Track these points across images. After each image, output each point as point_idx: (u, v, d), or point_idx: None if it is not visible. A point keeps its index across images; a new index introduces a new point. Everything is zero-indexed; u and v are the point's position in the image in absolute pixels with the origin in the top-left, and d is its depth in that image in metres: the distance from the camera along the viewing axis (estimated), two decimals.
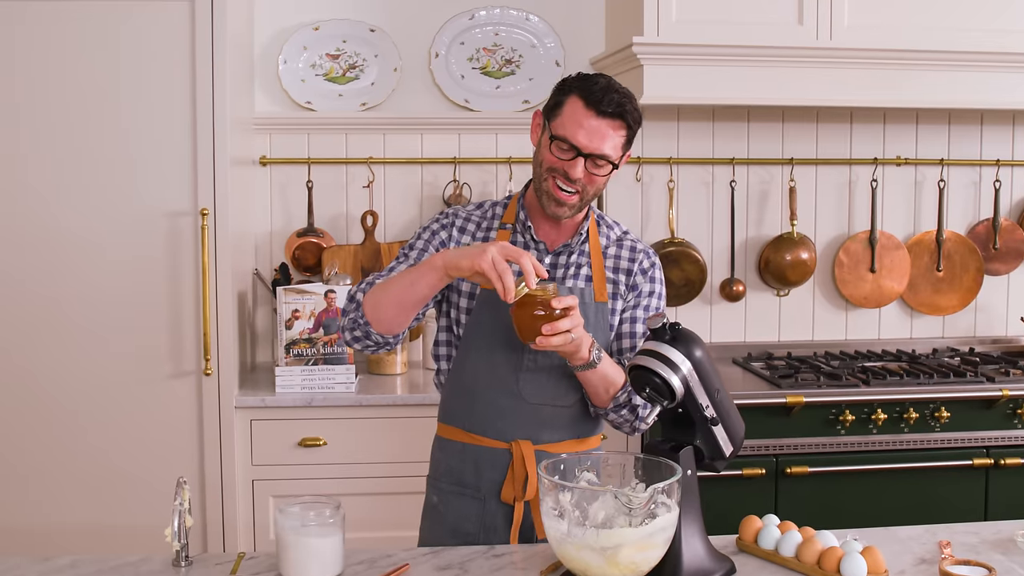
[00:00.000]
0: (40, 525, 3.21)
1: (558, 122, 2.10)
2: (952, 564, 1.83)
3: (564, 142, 2.08)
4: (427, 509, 2.32)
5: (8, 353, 3.18)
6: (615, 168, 2.13)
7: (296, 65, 3.77)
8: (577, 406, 2.22)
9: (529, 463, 2.15)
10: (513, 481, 2.17)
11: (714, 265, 4.00)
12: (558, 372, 2.17)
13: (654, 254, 2.30)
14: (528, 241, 2.21)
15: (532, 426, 2.18)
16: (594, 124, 2.07)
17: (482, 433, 2.20)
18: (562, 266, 2.21)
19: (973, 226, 4.15)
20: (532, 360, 2.17)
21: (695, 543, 1.85)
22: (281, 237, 3.82)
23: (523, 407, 2.18)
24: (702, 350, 1.87)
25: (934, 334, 4.17)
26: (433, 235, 2.24)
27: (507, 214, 2.25)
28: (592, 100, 2.07)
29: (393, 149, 3.84)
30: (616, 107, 2.08)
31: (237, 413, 3.26)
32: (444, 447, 2.27)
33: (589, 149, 2.07)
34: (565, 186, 2.10)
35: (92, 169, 3.17)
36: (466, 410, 2.22)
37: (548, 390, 2.18)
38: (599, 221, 2.28)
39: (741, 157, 3.98)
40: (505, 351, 2.17)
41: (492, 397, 2.19)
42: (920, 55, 3.48)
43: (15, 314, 3.17)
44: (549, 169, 2.11)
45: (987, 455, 3.43)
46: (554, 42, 3.87)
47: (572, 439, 2.23)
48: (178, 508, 1.93)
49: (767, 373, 3.60)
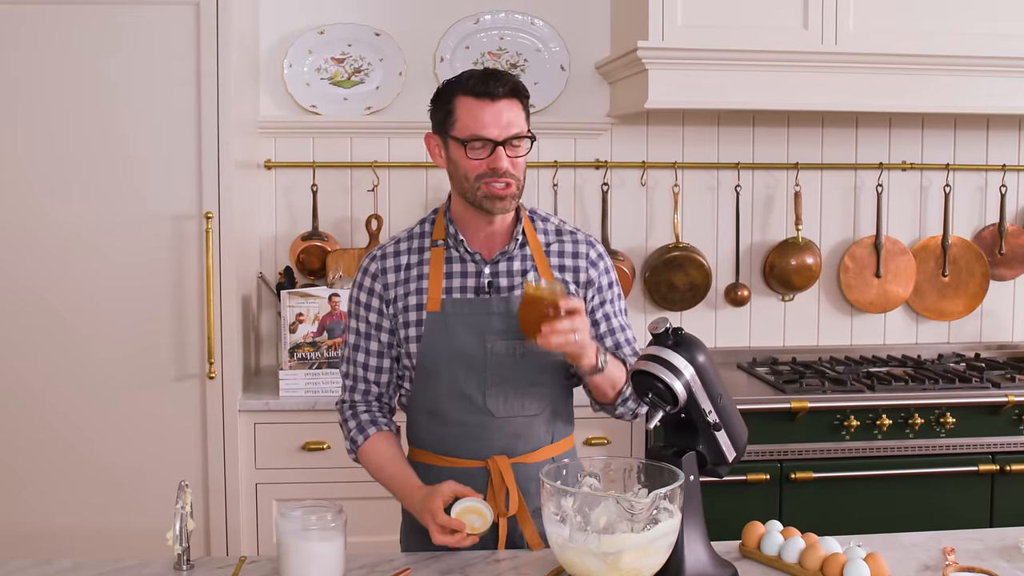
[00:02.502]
0: (42, 528, 3.21)
1: (459, 127, 2.07)
2: (956, 571, 1.82)
3: (476, 140, 2.05)
4: (407, 534, 2.27)
5: (12, 355, 3.18)
6: (533, 140, 2.11)
7: (301, 69, 3.77)
8: (546, 412, 2.19)
9: (508, 477, 2.12)
10: (495, 498, 2.13)
11: (719, 270, 4.00)
12: (523, 382, 2.15)
13: (597, 241, 2.27)
14: (463, 254, 2.16)
15: (505, 440, 2.15)
16: (494, 110, 2.05)
17: (455, 455, 2.17)
18: (503, 274, 2.16)
19: (979, 231, 4.13)
20: (496, 375, 2.13)
21: (697, 549, 1.84)
22: (285, 241, 3.82)
23: (493, 423, 2.14)
24: (705, 355, 1.86)
25: (940, 339, 4.15)
26: (367, 309, 2.21)
27: (436, 231, 2.20)
28: (481, 91, 2.06)
29: (398, 153, 3.84)
30: (505, 86, 2.06)
31: (241, 416, 3.26)
32: (418, 471, 2.20)
33: (504, 136, 2.05)
34: (497, 181, 2.06)
35: (97, 172, 3.17)
36: (435, 434, 2.19)
37: (515, 403, 2.15)
38: (532, 217, 2.24)
39: (746, 162, 3.97)
40: (466, 371, 2.13)
41: (460, 418, 2.15)
42: (926, 60, 3.48)
43: (18, 317, 3.17)
44: (477, 176, 2.07)
45: (992, 461, 3.42)
46: (559, 46, 3.86)
47: (547, 445, 2.20)
48: (179, 511, 1.93)
49: (772, 378, 3.59)
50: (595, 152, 3.92)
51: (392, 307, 2.17)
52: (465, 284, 2.16)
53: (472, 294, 2.15)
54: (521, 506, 2.13)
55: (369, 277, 2.20)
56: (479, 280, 2.16)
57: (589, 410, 2.30)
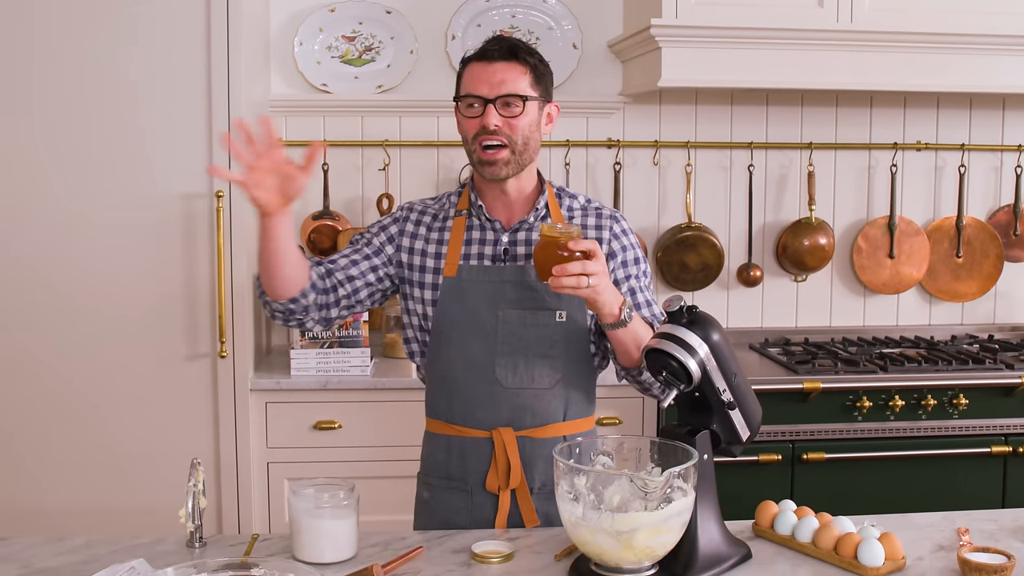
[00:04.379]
0: (55, 506, 3.23)
1: (460, 90, 2.15)
2: (971, 551, 1.81)
3: (469, 97, 2.11)
4: (419, 505, 2.29)
5: (23, 335, 3.19)
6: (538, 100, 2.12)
7: (312, 47, 3.75)
8: (558, 387, 2.16)
9: (511, 451, 2.12)
10: (496, 470, 2.14)
11: (731, 250, 3.98)
12: (534, 354, 2.14)
13: (622, 217, 2.27)
14: (484, 222, 2.19)
15: (513, 412, 2.14)
16: (489, 70, 2.10)
17: (463, 424, 2.17)
18: (521, 243, 2.18)
19: (994, 212, 4.11)
20: (507, 344, 2.13)
21: (711, 528, 1.83)
22: (297, 220, 3.81)
23: (502, 394, 2.14)
24: (720, 333, 1.85)
25: (953, 321, 4.14)
26: (382, 229, 2.26)
27: (461, 202, 2.24)
28: (479, 54, 2.13)
29: (409, 132, 3.83)
30: (502, 49, 2.11)
31: (252, 396, 3.26)
32: (431, 441, 2.25)
33: (494, 93, 2.08)
34: (488, 141, 2.09)
35: (107, 152, 3.16)
36: (446, 402, 2.19)
37: (525, 374, 2.14)
38: (560, 194, 2.25)
39: (759, 141, 3.94)
40: (478, 338, 2.14)
41: (470, 386, 2.15)
42: (942, 38, 3.44)
43: (29, 296, 3.18)
44: (473, 136, 2.11)
45: (1005, 443, 3.41)
46: (571, 24, 3.84)
47: (558, 422, 2.18)
48: (192, 489, 1.93)
49: (784, 359, 3.58)
50: (607, 131, 3.90)
51: (395, 254, 2.22)
52: (483, 251, 2.17)
53: (489, 261, 2.16)
54: (522, 482, 2.12)
55: (394, 219, 2.26)
56: (496, 248, 2.17)
57: (601, 391, 2.28)
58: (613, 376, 2.26)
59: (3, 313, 3.18)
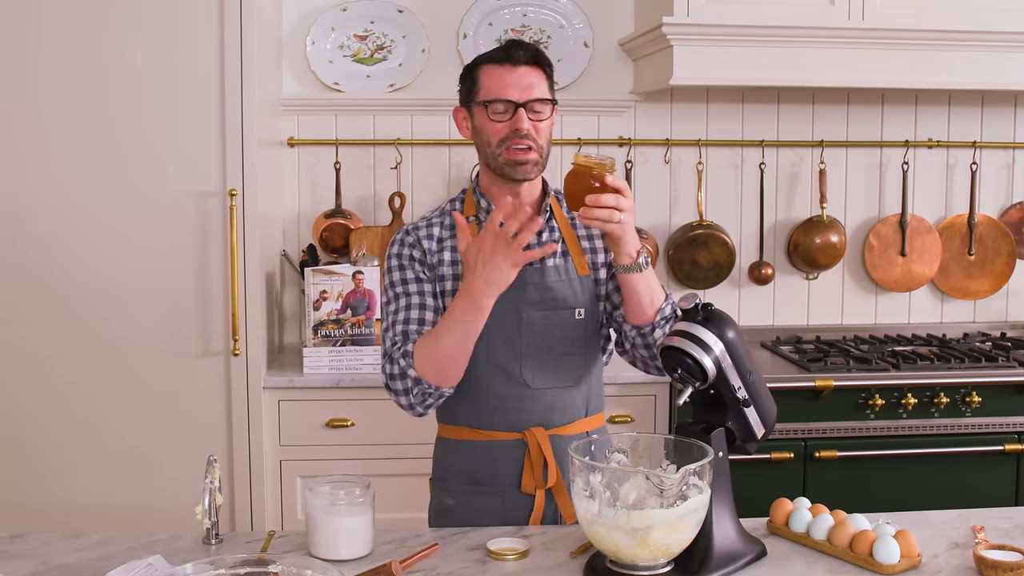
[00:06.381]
0: (71, 503, 3.24)
1: (483, 93, 2.11)
2: (986, 549, 1.81)
3: (499, 103, 2.08)
4: (440, 512, 2.26)
5: (37, 333, 3.20)
6: (554, 105, 2.13)
7: (324, 46, 3.76)
8: (582, 384, 2.19)
9: (546, 449, 2.13)
10: (532, 470, 2.14)
11: (743, 248, 3.98)
12: (558, 353, 2.15)
13: None
14: None
15: (542, 412, 2.15)
16: (516, 75, 2.09)
17: (491, 428, 2.16)
18: (534, 246, 2.14)
19: (1006, 209, 4.10)
20: (531, 345, 2.13)
21: (726, 525, 1.84)
22: (309, 218, 3.82)
23: (530, 395, 2.14)
24: (734, 331, 1.85)
25: (965, 318, 4.13)
26: (410, 261, 2.16)
27: (466, 208, 2.22)
28: (503, 58, 2.11)
29: (421, 130, 3.83)
30: (527, 54, 2.11)
31: (265, 393, 3.27)
32: (451, 448, 2.22)
33: (524, 98, 2.08)
34: (519, 144, 2.08)
35: (121, 150, 3.17)
36: (471, 408, 2.17)
37: (551, 374, 2.14)
38: (559, 196, 2.25)
39: (771, 139, 3.94)
40: (502, 340, 2.13)
41: (497, 390, 2.14)
42: (953, 35, 3.44)
43: (44, 294, 3.19)
44: (500, 141, 2.09)
45: (1018, 440, 3.40)
46: (583, 23, 3.84)
47: (581, 418, 2.20)
48: (209, 486, 1.93)
49: (796, 357, 3.57)
50: (619, 129, 3.90)
51: (433, 272, 2.16)
52: None
53: None
54: (558, 479, 2.13)
55: (407, 247, 2.18)
56: None
57: (613, 389, 2.29)
58: (623, 376, 2.26)
59: (15, 311, 3.19)
